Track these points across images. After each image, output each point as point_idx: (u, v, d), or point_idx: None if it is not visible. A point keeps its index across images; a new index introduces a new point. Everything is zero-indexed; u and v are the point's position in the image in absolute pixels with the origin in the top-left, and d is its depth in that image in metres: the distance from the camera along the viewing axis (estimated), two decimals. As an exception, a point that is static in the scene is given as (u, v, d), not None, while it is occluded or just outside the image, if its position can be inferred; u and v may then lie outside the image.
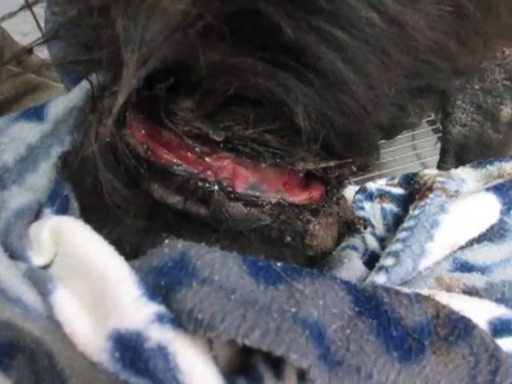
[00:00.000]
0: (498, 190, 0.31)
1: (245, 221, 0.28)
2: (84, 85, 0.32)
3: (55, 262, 0.24)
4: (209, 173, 0.27)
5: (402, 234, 0.30)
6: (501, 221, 0.31)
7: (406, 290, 0.25)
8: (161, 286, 0.21)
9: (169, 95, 0.25)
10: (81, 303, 0.21)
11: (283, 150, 0.26)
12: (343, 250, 0.32)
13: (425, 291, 0.26)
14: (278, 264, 0.23)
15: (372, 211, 0.38)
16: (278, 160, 0.27)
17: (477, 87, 0.38)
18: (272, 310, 0.20)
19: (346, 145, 0.27)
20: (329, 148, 0.28)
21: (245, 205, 0.28)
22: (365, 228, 0.35)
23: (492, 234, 0.31)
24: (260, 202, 0.29)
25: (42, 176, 0.31)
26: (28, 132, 0.32)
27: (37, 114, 0.32)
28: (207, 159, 0.27)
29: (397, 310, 0.23)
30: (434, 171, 0.37)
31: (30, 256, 0.24)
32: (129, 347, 0.20)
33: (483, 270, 0.30)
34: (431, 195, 0.32)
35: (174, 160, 0.27)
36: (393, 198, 0.38)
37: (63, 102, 0.32)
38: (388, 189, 0.38)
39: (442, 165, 0.46)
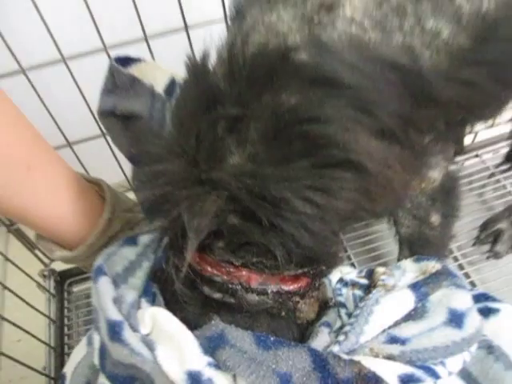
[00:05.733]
0: (414, 286, 0.51)
1: (257, 305, 0.49)
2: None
3: (153, 333, 0.45)
4: (235, 279, 0.48)
5: (351, 320, 0.50)
6: (417, 307, 0.50)
7: (345, 356, 0.44)
8: (210, 347, 0.42)
9: (211, 239, 0.46)
10: (171, 355, 0.42)
11: (275, 266, 0.47)
12: (320, 326, 0.51)
13: (360, 357, 0.45)
14: (272, 338, 0.43)
15: (347, 295, 0.57)
16: (273, 270, 0.47)
17: (409, 206, 0.58)
18: (264, 364, 0.41)
19: (310, 260, 0.47)
20: (303, 262, 0.49)
21: (257, 294, 0.49)
22: (335, 305, 0.54)
23: (413, 316, 0.50)
24: (266, 292, 0.49)
25: (138, 279, 0.53)
26: (128, 252, 0.54)
27: (133, 241, 0.54)
28: (234, 272, 0.48)
29: (336, 369, 0.42)
30: (382, 269, 0.56)
31: (140, 329, 0.45)
32: (194, 377, 0.40)
33: (406, 340, 0.47)
34: (374, 291, 0.52)
35: (215, 272, 0.48)
36: (360, 286, 0.57)
37: (147, 236, 0.53)
38: (357, 280, 0.58)
39: (399, 257, 0.66)
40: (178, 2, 0.59)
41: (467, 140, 0.98)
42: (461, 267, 0.83)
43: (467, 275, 0.82)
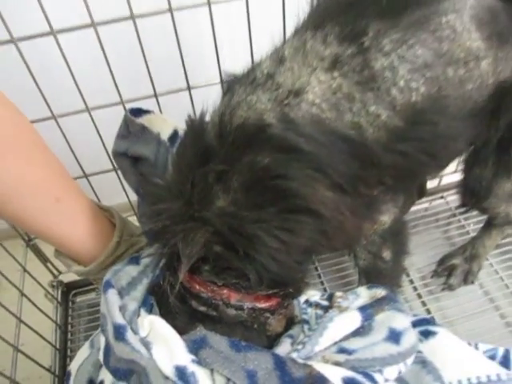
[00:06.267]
0: (362, 308, 0.63)
1: (234, 318, 0.60)
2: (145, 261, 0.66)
3: (149, 335, 0.57)
4: (217, 296, 0.59)
5: (309, 332, 0.62)
6: (364, 325, 0.62)
7: (301, 360, 0.56)
8: (194, 348, 0.53)
9: (199, 263, 0.58)
10: (163, 353, 0.54)
11: (249, 287, 0.59)
12: (284, 337, 0.63)
13: (313, 362, 0.56)
14: (243, 343, 0.55)
15: (311, 314, 0.69)
16: (248, 290, 0.59)
17: (364, 242, 0.70)
18: (235, 362, 0.52)
19: (279, 283, 0.59)
20: (273, 285, 0.60)
21: (235, 309, 0.60)
22: (298, 322, 0.66)
23: (361, 333, 0.62)
24: (242, 308, 0.61)
25: (138, 292, 0.64)
26: (132, 270, 0.66)
27: (135, 261, 0.66)
28: (217, 290, 0.59)
29: (292, 369, 0.54)
30: (340, 293, 0.68)
31: (140, 332, 0.57)
32: (181, 370, 0.52)
33: (352, 351, 0.59)
34: (330, 310, 0.64)
35: (201, 290, 0.59)
36: (322, 307, 0.69)
37: (147, 258, 0.65)
38: (319, 301, 0.70)
39: (358, 284, 0.78)
40: (183, 67, 0.73)
41: (434, 183, 1.11)
42: (419, 296, 0.95)
43: (424, 303, 0.93)
